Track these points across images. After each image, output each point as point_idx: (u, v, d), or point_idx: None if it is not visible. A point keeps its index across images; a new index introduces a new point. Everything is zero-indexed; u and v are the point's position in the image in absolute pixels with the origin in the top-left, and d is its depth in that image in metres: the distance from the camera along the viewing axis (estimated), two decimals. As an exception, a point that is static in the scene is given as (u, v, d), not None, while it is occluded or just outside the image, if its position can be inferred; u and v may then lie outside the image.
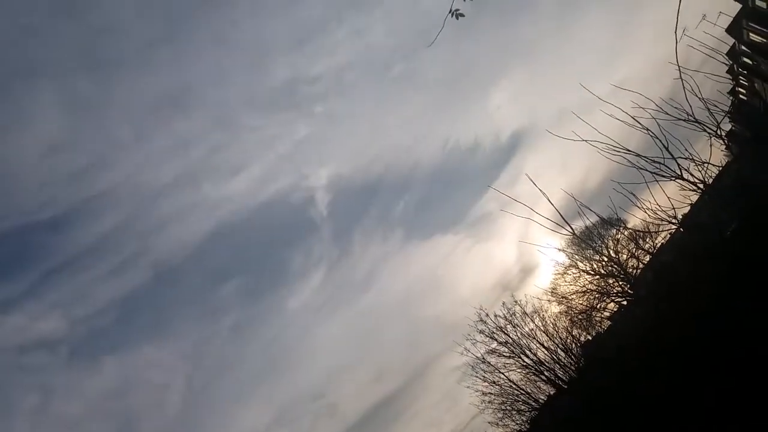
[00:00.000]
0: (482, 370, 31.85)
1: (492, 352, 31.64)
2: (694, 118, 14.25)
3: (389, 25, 79.12)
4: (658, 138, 14.29)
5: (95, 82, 68.12)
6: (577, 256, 33.51)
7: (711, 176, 15.95)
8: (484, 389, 31.88)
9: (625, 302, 29.71)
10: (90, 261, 75.67)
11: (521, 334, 30.84)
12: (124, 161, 73.23)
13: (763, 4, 28.16)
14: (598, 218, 21.18)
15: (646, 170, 14.61)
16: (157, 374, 73.93)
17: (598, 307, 31.71)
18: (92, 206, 72.74)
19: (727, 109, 18.60)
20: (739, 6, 30.48)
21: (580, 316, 31.36)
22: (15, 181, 66.83)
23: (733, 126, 32.68)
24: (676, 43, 7.25)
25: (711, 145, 15.75)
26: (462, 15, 7.03)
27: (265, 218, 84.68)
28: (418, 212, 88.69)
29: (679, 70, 7.91)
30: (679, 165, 14.53)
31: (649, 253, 27.70)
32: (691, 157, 14.63)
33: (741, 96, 35.92)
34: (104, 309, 78.52)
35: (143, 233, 76.15)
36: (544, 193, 14.26)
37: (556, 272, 34.99)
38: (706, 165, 14.68)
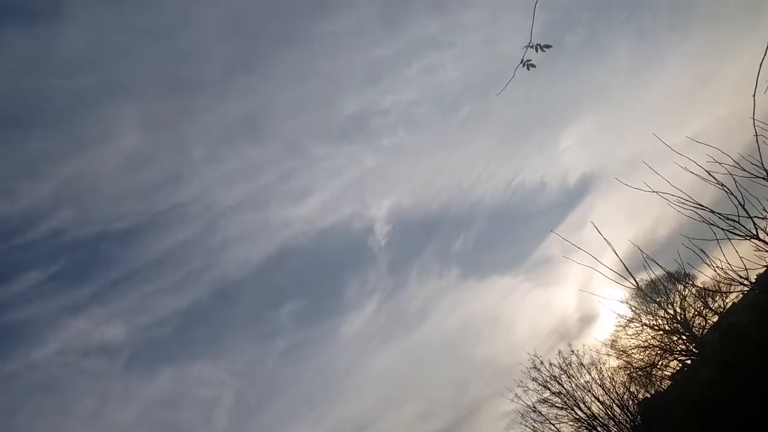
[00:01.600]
0: (532, 419, 30.95)
1: (544, 401, 30.76)
2: (774, 176, 13.65)
3: (461, 65, 79.79)
4: (733, 194, 13.75)
5: (175, 103, 71.40)
6: (640, 310, 32.35)
7: (790, 238, 15.20)
8: (533, 439, 30.91)
9: (689, 361, 28.38)
10: (155, 273, 78.27)
11: (576, 385, 29.90)
12: (197, 180, 76.12)
13: None
14: (664, 272, 20.44)
15: (719, 227, 14.05)
16: (209, 389, 75.23)
17: (659, 364, 30.37)
18: (162, 221, 75.67)
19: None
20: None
21: (639, 372, 30.11)
22: (94, 191, 70.41)
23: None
24: (754, 98, 7.00)
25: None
26: (533, 66, 6.94)
27: (325, 244, 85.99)
28: (477, 251, 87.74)
29: (755, 126, 7.63)
30: (755, 224, 13.89)
31: (717, 312, 26.49)
32: (768, 217, 13.99)
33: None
34: (164, 320, 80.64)
35: (208, 250, 78.49)
36: (609, 243, 13.90)
37: (618, 324, 33.83)
38: (784, 226, 13.98)
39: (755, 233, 14.10)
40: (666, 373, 31.19)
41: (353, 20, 72.28)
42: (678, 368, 30.39)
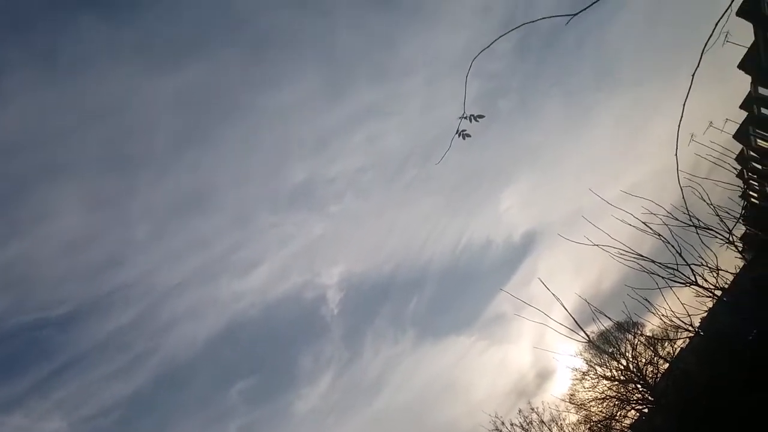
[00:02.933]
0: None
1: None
2: (705, 224, 14.32)
3: (404, 131, 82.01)
4: (670, 244, 14.32)
5: (119, 180, 70.28)
6: (594, 361, 32.64)
7: (726, 282, 15.81)
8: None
9: (646, 410, 28.57)
10: (98, 359, 74.43)
11: (538, 443, 29.60)
12: (141, 259, 74.03)
13: (768, 112, 28.87)
14: (613, 323, 20.84)
15: (660, 276, 14.54)
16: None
17: (617, 415, 30.48)
18: (105, 303, 72.81)
19: (738, 214, 18.68)
20: (745, 114, 31.30)
21: (599, 426, 30.12)
22: (33, 276, 67.65)
23: (747, 229, 32.65)
24: (677, 151, 7.38)
25: (726, 249, 15.74)
26: (468, 135, 7.17)
27: (277, 316, 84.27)
28: (431, 312, 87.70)
29: (678, 178, 8.01)
30: (693, 271, 14.46)
31: (667, 360, 27.00)
32: (705, 264, 14.57)
33: (753, 200, 36.09)
34: (108, 409, 75.94)
35: (153, 331, 75.69)
36: (557, 298, 14.19)
37: (574, 378, 34.01)
38: (719, 272, 14.57)
39: (694, 280, 14.65)
40: (625, 423, 31.30)
41: (298, 92, 73.66)
42: (636, 418, 30.55)
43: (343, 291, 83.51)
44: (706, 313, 17.08)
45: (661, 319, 15.96)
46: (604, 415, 30.74)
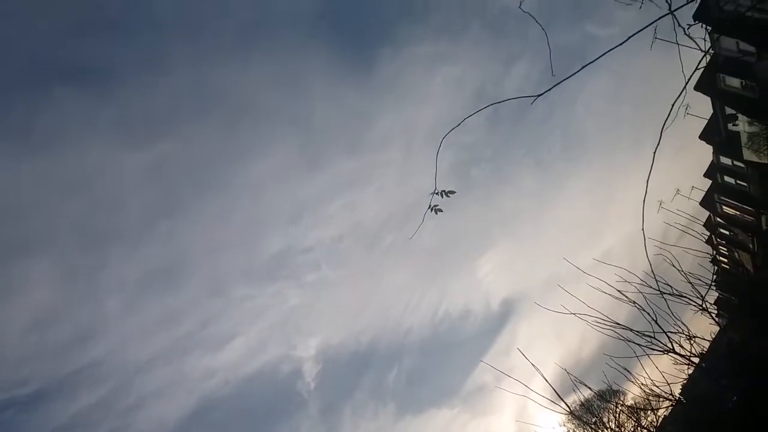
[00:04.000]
0: None
1: None
2: (678, 292, 14.50)
3: (380, 200, 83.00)
4: (645, 311, 14.42)
5: (89, 255, 69.32)
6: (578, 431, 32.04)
7: (703, 348, 15.88)
8: None
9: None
10: (62, 442, 70.87)
11: None
12: (110, 335, 72.22)
13: (732, 180, 29.88)
14: (594, 392, 20.64)
15: (637, 343, 14.56)
16: None
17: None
18: (72, 382, 69.96)
19: (710, 280, 18.98)
20: (709, 181, 32.34)
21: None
22: (-2, 354, 65.10)
23: (719, 294, 33.09)
24: (643, 219, 7.52)
25: (701, 314, 15.87)
26: (440, 210, 7.32)
27: (251, 392, 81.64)
28: (411, 384, 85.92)
29: (646, 251, 8.17)
30: (669, 338, 14.51)
31: (649, 430, 26.65)
32: (680, 331, 14.66)
33: (723, 265, 36.76)
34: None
35: (122, 411, 72.44)
36: (537, 369, 14.05)
37: (558, 450, 33.19)
38: (695, 338, 14.66)
39: (671, 347, 14.68)
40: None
41: (274, 163, 74.39)
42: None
43: (320, 364, 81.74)
44: (685, 381, 17.06)
45: (641, 387, 15.87)
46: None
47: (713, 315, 17.46)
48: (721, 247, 36.84)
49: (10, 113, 55.44)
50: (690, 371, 16.44)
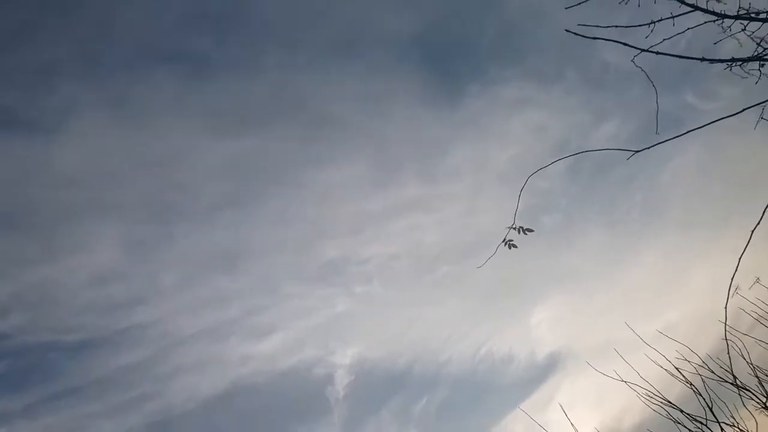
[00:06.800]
0: None
1: None
2: (742, 384, 13.50)
3: (442, 230, 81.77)
4: (701, 395, 13.49)
5: (156, 228, 70.98)
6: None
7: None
8: None
9: None
10: (96, 393, 72.21)
11: None
12: (161, 304, 73.42)
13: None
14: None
15: (685, 427, 13.62)
16: None
17: None
18: (117, 340, 71.49)
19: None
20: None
21: None
22: (54, 300, 67.69)
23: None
24: (727, 303, 6.98)
25: (763, 413, 14.75)
26: (515, 246, 7.20)
27: (282, 387, 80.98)
28: (439, 417, 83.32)
29: (726, 333, 7.57)
30: (722, 429, 13.52)
31: None
32: (736, 425, 13.62)
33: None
34: (91, 448, 72.83)
35: (157, 376, 73.62)
36: (575, 428, 13.36)
37: None
38: (751, 435, 13.58)
39: (722, 439, 13.68)
40: None
41: (346, 174, 74.65)
42: None
43: (353, 375, 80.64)
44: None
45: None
46: None
47: (774, 416, 16.20)
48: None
49: (110, 86, 58.07)
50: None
